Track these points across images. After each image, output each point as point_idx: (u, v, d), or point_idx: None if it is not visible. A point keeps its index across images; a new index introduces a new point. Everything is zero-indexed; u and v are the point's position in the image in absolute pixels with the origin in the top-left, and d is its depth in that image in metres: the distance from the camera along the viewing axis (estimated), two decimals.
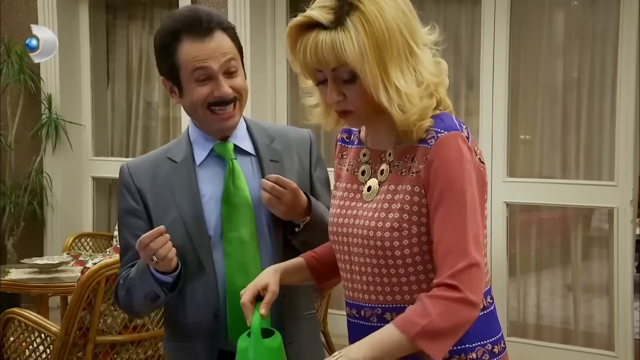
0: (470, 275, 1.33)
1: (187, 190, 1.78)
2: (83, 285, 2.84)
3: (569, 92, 4.23)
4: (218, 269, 1.77)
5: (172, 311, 1.84)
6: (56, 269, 3.98)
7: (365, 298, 1.46)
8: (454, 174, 1.36)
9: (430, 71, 1.40)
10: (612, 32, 3.97)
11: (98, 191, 5.60)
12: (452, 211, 1.35)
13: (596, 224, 4.37)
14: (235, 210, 1.77)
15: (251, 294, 1.53)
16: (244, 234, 1.77)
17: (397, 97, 1.36)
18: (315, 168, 1.90)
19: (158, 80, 5.50)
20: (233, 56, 1.75)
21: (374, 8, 1.35)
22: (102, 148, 5.64)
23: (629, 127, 3.87)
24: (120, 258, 1.88)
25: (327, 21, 1.35)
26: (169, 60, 1.75)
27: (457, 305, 1.32)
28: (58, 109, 5.35)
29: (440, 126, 1.39)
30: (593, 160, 4.16)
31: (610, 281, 4.01)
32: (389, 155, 1.45)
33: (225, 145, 1.81)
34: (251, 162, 1.83)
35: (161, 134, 5.53)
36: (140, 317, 2.94)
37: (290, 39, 1.40)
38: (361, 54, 1.34)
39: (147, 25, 5.53)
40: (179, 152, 1.83)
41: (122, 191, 1.83)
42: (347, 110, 1.43)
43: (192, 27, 1.73)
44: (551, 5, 4.25)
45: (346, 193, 1.51)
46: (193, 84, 1.74)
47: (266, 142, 1.85)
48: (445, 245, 1.35)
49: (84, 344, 2.91)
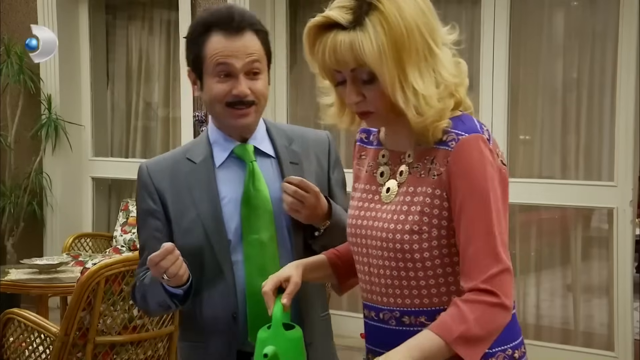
0: (503, 281, 1.32)
1: (206, 191, 1.77)
2: (83, 285, 2.84)
3: (569, 93, 4.23)
4: (237, 271, 1.76)
5: (188, 312, 1.83)
6: (56, 269, 3.98)
7: (383, 301, 1.45)
8: (477, 177, 1.34)
9: (449, 71, 1.38)
10: (612, 33, 3.97)
11: (98, 191, 5.60)
12: (478, 214, 1.33)
13: (596, 224, 4.37)
14: (255, 212, 1.76)
15: (273, 284, 1.50)
16: (263, 237, 1.76)
17: (414, 99, 1.34)
18: (333, 170, 1.89)
19: (158, 81, 5.50)
20: (258, 58, 1.75)
21: (393, 8, 1.33)
22: (102, 148, 5.64)
23: (628, 127, 3.87)
24: (139, 257, 1.87)
25: (346, 21, 1.34)
26: (196, 50, 1.76)
27: (495, 311, 1.31)
28: (58, 109, 5.35)
29: (461, 128, 1.37)
30: (593, 160, 4.16)
31: (610, 281, 4.01)
32: (408, 157, 1.43)
33: (245, 147, 1.81)
34: (271, 164, 1.82)
35: (161, 135, 5.53)
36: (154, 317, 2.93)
37: (309, 40, 1.39)
38: (380, 55, 1.32)
39: (146, 26, 5.53)
40: (198, 153, 1.83)
41: (141, 192, 1.82)
42: (367, 111, 1.41)
43: (223, 23, 1.74)
44: (551, 6, 4.25)
45: (364, 194, 1.50)
46: (214, 79, 1.74)
47: (285, 144, 1.85)
48: (474, 249, 1.33)
49: (83, 345, 2.91)
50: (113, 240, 4.96)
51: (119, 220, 5.00)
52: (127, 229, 4.92)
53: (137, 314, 2.99)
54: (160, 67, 5.47)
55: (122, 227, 4.94)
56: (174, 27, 5.27)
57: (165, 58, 5.43)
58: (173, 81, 5.35)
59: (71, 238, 4.80)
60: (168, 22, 5.41)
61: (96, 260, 3.95)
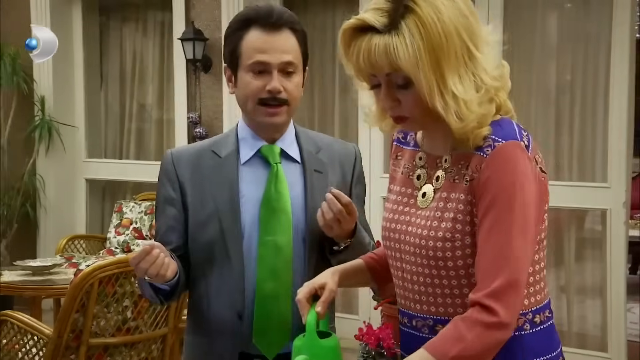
0: (507, 295, 1.27)
1: (227, 186, 1.77)
2: (76, 287, 2.83)
3: (562, 95, 4.24)
4: (249, 271, 1.75)
5: (196, 304, 1.83)
6: (49, 271, 3.97)
7: (417, 308, 1.41)
8: (505, 187, 1.28)
9: (491, 75, 1.33)
10: (605, 35, 3.98)
11: (91, 193, 5.59)
12: (498, 225, 1.28)
13: (589, 225, 4.38)
14: (274, 214, 1.75)
15: (307, 292, 1.46)
16: (279, 240, 1.74)
17: (454, 104, 1.29)
18: (355, 185, 1.88)
19: (152, 82, 5.49)
20: (294, 58, 1.75)
21: (430, 10, 1.28)
22: (96, 150, 5.63)
23: (621, 129, 3.88)
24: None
25: (381, 25, 1.29)
26: (233, 45, 1.76)
27: (492, 331, 1.27)
28: (51, 110, 5.34)
29: (499, 134, 1.32)
30: (586, 162, 4.17)
31: (603, 283, 4.02)
32: (445, 162, 1.39)
33: (272, 147, 1.80)
34: (295, 169, 1.81)
35: (155, 136, 5.52)
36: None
37: (344, 42, 1.34)
38: (416, 60, 1.27)
39: (140, 27, 5.53)
40: (224, 147, 1.82)
41: (163, 179, 1.81)
42: (402, 116, 1.37)
43: (262, 18, 1.74)
44: (544, 8, 4.26)
45: (400, 197, 1.46)
46: (249, 74, 1.74)
47: (312, 151, 1.84)
48: (485, 260, 1.29)
49: (77, 347, 2.90)
50: (107, 241, 4.95)
51: (112, 221, 4.99)
52: (120, 230, 4.91)
53: (131, 316, 2.99)
54: (154, 68, 5.46)
55: (115, 229, 4.93)
56: (167, 29, 5.26)
57: (159, 59, 5.42)
58: (167, 82, 5.34)
59: (65, 240, 4.79)
60: (162, 24, 5.40)
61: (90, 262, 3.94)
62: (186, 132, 4.98)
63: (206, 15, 4.86)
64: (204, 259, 1.77)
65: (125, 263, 2.91)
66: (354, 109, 4.67)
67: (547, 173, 1.39)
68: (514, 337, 1.34)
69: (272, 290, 1.74)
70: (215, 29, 4.81)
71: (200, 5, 4.89)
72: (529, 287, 1.37)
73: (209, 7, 4.85)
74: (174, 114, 5.14)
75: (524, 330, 1.37)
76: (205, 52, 4.79)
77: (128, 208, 4.94)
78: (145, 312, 3.03)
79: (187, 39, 4.76)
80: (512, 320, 1.29)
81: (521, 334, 1.36)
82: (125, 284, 2.93)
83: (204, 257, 1.77)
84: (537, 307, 1.39)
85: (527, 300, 1.37)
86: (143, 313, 3.02)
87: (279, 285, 1.74)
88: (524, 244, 1.30)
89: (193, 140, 4.92)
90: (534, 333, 1.37)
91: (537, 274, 1.39)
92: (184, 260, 1.79)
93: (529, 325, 1.37)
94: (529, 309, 1.38)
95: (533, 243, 1.33)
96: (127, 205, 4.97)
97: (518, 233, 1.28)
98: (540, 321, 1.39)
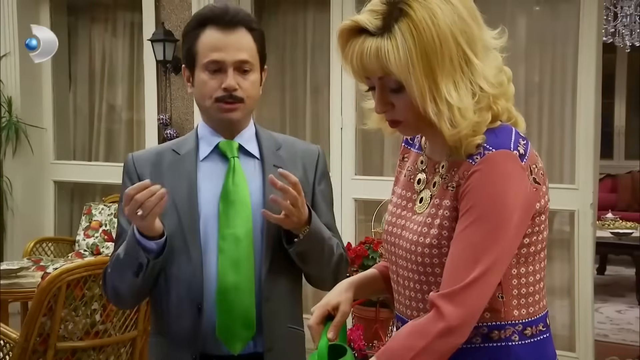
0: (463, 296, 1.25)
1: (186, 181, 1.79)
2: (43, 290, 2.80)
3: (531, 97, 4.29)
4: (209, 264, 1.76)
5: (156, 301, 1.83)
6: (16, 274, 3.91)
7: (407, 313, 1.41)
8: (485, 194, 1.26)
9: (489, 82, 1.29)
10: (572, 38, 4.03)
11: (60, 195, 5.52)
12: (470, 229, 1.26)
13: (557, 226, 4.43)
14: (232, 207, 1.77)
15: (321, 315, 1.43)
16: (239, 232, 1.76)
17: (447, 111, 1.26)
18: (319, 182, 1.90)
19: (122, 83, 5.45)
20: (249, 57, 1.77)
21: (425, 14, 1.25)
22: (64, 151, 5.56)
23: (588, 131, 3.93)
24: (114, 243, 1.86)
25: (374, 27, 1.27)
26: (189, 45, 1.79)
27: (443, 339, 1.25)
28: (18, 111, 5.27)
29: (491, 142, 1.29)
30: (554, 163, 4.22)
31: (571, 283, 4.07)
32: (442, 168, 1.37)
33: (230, 143, 1.83)
34: (254, 165, 1.84)
35: (125, 137, 5.47)
36: (124, 307, 2.81)
37: (341, 43, 1.32)
38: (407, 64, 1.24)
39: (109, 28, 5.48)
40: (184, 146, 1.86)
41: (124, 178, 1.84)
42: (395, 120, 1.35)
43: (217, 17, 1.76)
44: (513, 11, 4.31)
45: (400, 200, 1.46)
46: (205, 73, 1.76)
47: (272, 148, 1.86)
48: (451, 262, 1.27)
49: (44, 351, 2.86)
50: (75, 244, 4.90)
51: (81, 224, 4.94)
52: (89, 233, 4.86)
53: (100, 319, 2.96)
54: (123, 69, 5.42)
55: (84, 231, 4.88)
56: (137, 29, 5.22)
57: (129, 60, 5.38)
58: (137, 83, 5.30)
59: (32, 242, 4.73)
60: (132, 24, 5.36)
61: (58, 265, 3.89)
62: (156, 133, 4.95)
63: (176, 16, 4.84)
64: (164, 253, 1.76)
65: (94, 266, 2.88)
66: (325, 110, 4.68)
67: (543, 184, 1.35)
68: (502, 346, 1.34)
69: (234, 282, 1.75)
70: None
71: (170, 6, 4.86)
72: (521, 298, 1.35)
73: (179, 8, 4.82)
74: (144, 115, 5.11)
75: (512, 342, 1.35)
76: (175, 53, 4.76)
77: (97, 210, 4.90)
78: (115, 315, 3.00)
79: (157, 40, 4.73)
80: (461, 322, 1.26)
81: (509, 344, 1.35)
82: (93, 287, 2.90)
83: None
84: (529, 320, 1.37)
85: (517, 312, 1.35)
86: (112, 316, 2.99)
87: (240, 278, 1.75)
88: (494, 248, 1.26)
89: (163, 141, 4.88)
90: (523, 345, 1.35)
91: (532, 286, 1.37)
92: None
93: (517, 336, 1.35)
94: (520, 320, 1.36)
95: (509, 251, 1.29)
96: (97, 207, 4.92)
97: (490, 238, 1.25)
98: (531, 334, 1.36)
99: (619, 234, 6.33)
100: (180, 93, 4.87)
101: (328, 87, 4.57)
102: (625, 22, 6.29)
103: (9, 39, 5.21)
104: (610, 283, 6.81)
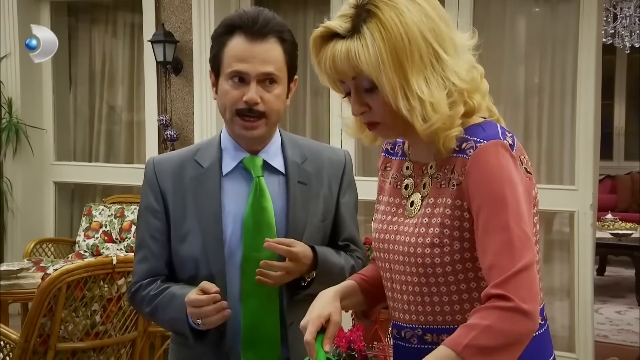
0: (519, 282, 1.22)
1: (209, 201, 1.72)
2: (44, 291, 2.80)
3: (531, 98, 4.30)
4: (233, 287, 1.72)
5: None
6: (16, 275, 3.91)
7: (405, 318, 1.41)
8: (494, 183, 1.27)
9: (461, 77, 1.32)
10: (572, 39, 4.04)
11: (60, 196, 5.52)
12: (494, 220, 1.26)
13: (557, 227, 4.43)
14: (258, 230, 1.71)
15: (315, 330, 1.40)
16: (264, 255, 1.69)
17: (419, 106, 1.29)
18: (344, 194, 1.83)
19: (122, 84, 5.45)
20: (275, 70, 1.68)
21: (392, 14, 1.29)
22: (64, 152, 5.56)
23: (588, 132, 3.93)
24: (134, 253, 1.81)
25: (344, 30, 1.30)
26: (216, 51, 1.71)
27: (509, 315, 1.20)
28: (19, 113, 5.27)
29: (481, 135, 1.31)
30: (554, 164, 4.22)
31: (571, 284, 4.07)
32: (431, 168, 1.38)
33: (254, 160, 1.75)
34: (278, 181, 1.76)
35: (125, 138, 5.47)
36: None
37: (314, 51, 1.35)
38: (377, 62, 1.28)
39: (110, 29, 5.48)
40: (207, 157, 1.76)
41: (145, 188, 1.77)
42: (373, 121, 1.37)
43: (246, 26, 1.67)
44: (513, 13, 4.31)
45: (389, 207, 1.45)
46: (228, 82, 1.69)
47: (297, 162, 1.78)
48: (490, 258, 1.25)
49: (44, 352, 2.86)
50: (76, 245, 4.90)
51: (81, 225, 4.94)
52: (90, 234, 4.86)
53: (100, 320, 2.96)
54: (124, 70, 5.42)
55: (84, 232, 4.88)
56: (137, 30, 5.23)
57: (129, 61, 5.38)
58: (137, 85, 5.31)
59: (32, 243, 4.73)
60: (132, 25, 5.36)
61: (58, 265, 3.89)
62: (157, 134, 4.95)
63: (177, 18, 4.84)
64: (187, 274, 1.74)
65: (94, 267, 2.88)
66: (325, 112, 4.68)
67: (533, 175, 1.38)
68: None
69: (257, 306, 1.72)
70: (186, 31, 4.80)
71: (171, 7, 4.87)
72: None
73: (180, 9, 4.83)
74: (144, 116, 5.11)
75: None
76: (175, 54, 4.76)
77: (97, 211, 4.90)
78: (115, 316, 3.00)
79: (157, 41, 4.74)
80: (531, 308, 1.22)
81: None
82: (93, 287, 2.90)
83: (186, 272, 1.74)
84: None
85: None
86: (112, 317, 2.99)
87: (263, 301, 1.72)
88: (523, 234, 1.26)
89: (163, 142, 4.90)
90: (534, 330, 1.33)
91: None
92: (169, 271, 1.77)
93: None
94: None
95: (531, 232, 1.30)
96: (97, 208, 4.92)
97: (515, 224, 1.25)
98: None
99: (619, 234, 6.33)
100: (180, 94, 4.87)
101: (328, 88, 4.56)
102: (625, 23, 6.30)
103: (9, 41, 5.22)
104: (610, 284, 6.81)
